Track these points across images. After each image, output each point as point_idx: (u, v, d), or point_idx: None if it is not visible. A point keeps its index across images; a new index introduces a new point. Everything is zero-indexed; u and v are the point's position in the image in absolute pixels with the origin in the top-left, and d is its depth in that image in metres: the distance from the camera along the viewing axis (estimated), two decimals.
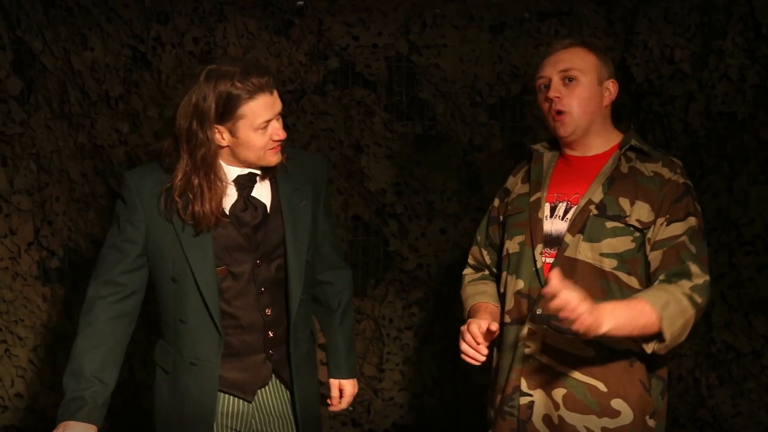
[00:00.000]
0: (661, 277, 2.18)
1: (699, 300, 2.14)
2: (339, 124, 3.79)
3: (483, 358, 2.21)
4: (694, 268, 2.16)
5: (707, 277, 2.18)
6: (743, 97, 3.64)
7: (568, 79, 2.27)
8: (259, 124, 2.12)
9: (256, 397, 2.34)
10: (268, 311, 2.28)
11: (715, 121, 3.69)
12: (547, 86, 2.30)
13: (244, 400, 2.32)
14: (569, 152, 2.36)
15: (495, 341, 2.36)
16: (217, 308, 2.20)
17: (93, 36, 3.63)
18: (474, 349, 2.20)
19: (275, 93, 2.14)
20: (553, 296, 1.96)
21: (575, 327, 1.96)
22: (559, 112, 2.27)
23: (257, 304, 2.27)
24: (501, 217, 2.48)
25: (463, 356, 2.24)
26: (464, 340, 2.22)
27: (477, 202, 3.86)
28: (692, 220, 2.21)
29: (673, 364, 3.78)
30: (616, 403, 2.21)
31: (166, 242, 2.18)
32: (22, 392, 3.85)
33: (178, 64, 3.66)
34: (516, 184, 2.47)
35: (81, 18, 3.63)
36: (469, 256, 2.61)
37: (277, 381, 2.35)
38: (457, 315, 3.85)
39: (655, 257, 2.21)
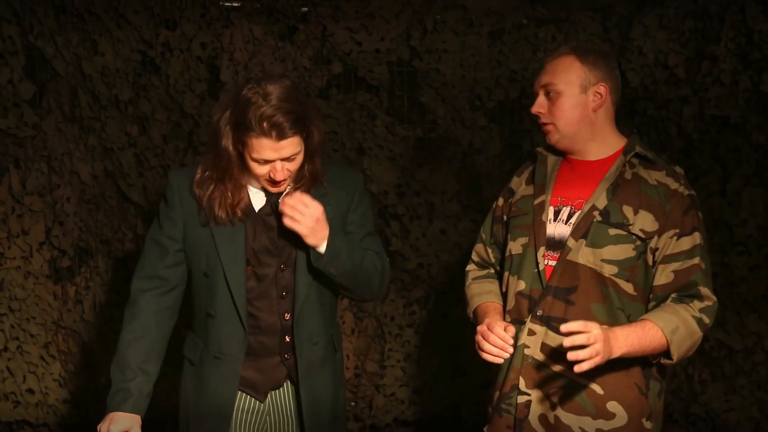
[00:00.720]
0: (673, 296, 2.23)
1: (707, 321, 2.21)
2: (342, 127, 3.85)
3: (507, 356, 2.24)
4: (704, 291, 2.22)
5: (715, 299, 2.24)
6: (736, 101, 3.72)
7: (550, 93, 2.32)
8: (258, 158, 2.15)
9: (270, 399, 2.39)
10: (287, 316, 2.32)
11: (709, 124, 3.76)
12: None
13: (256, 399, 2.37)
14: (571, 155, 2.39)
15: None
16: (244, 305, 2.27)
17: (103, 41, 3.71)
18: (500, 348, 2.22)
19: (286, 141, 2.12)
20: (571, 332, 2.03)
21: (591, 363, 2.02)
22: (544, 124, 2.34)
23: (277, 307, 2.32)
24: (505, 217, 2.50)
25: (484, 354, 2.24)
26: (488, 341, 2.23)
27: (477, 204, 3.93)
28: (698, 237, 2.25)
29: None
30: (612, 406, 2.24)
31: (202, 238, 2.27)
32: (33, 388, 3.93)
33: (185, 68, 3.74)
34: (520, 185, 2.50)
35: (92, 24, 3.71)
36: (473, 253, 2.64)
37: (291, 385, 2.40)
38: (457, 313, 3.94)
39: (665, 274, 2.23)
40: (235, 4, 3.79)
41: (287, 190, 2.29)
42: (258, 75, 2.61)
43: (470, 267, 2.64)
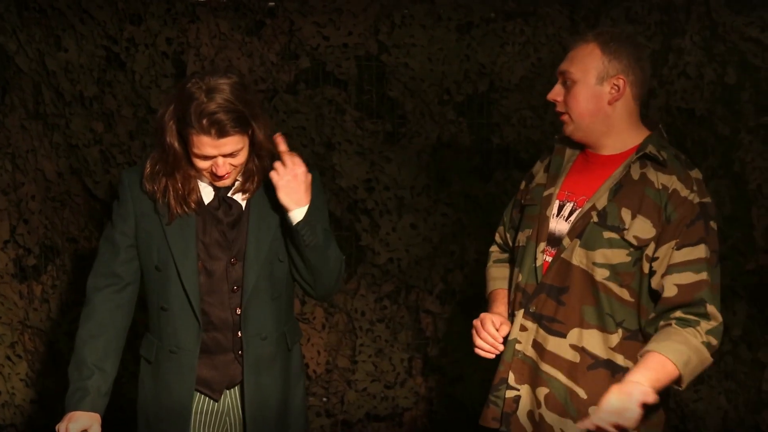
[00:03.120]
0: (678, 313, 2.12)
1: (715, 343, 2.13)
2: (311, 122, 3.84)
3: (498, 351, 2.25)
4: (711, 309, 2.12)
5: (721, 318, 2.14)
6: (701, 94, 3.76)
7: (567, 81, 2.24)
8: (198, 154, 2.16)
9: (228, 398, 2.37)
10: (239, 311, 2.31)
11: (675, 116, 3.80)
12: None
13: (211, 398, 2.35)
14: (589, 149, 2.31)
15: None
16: (197, 297, 2.26)
17: (67, 37, 3.67)
18: (491, 345, 2.23)
19: (227, 139, 2.12)
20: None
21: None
22: (560, 114, 2.27)
23: (228, 302, 2.31)
24: (522, 202, 2.45)
25: (476, 349, 2.27)
26: (480, 336, 2.25)
27: (446, 198, 3.93)
28: (704, 249, 2.13)
29: None
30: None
31: (153, 233, 2.27)
32: (0, 388, 3.88)
33: (151, 64, 3.71)
34: (539, 172, 2.44)
35: (55, 20, 3.66)
36: (497, 234, 2.62)
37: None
38: (427, 307, 3.95)
39: (668, 286, 2.13)
40: None
41: (235, 184, 2.30)
42: (205, 70, 2.58)
43: (493, 248, 2.63)
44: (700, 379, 3.84)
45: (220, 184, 2.25)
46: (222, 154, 2.15)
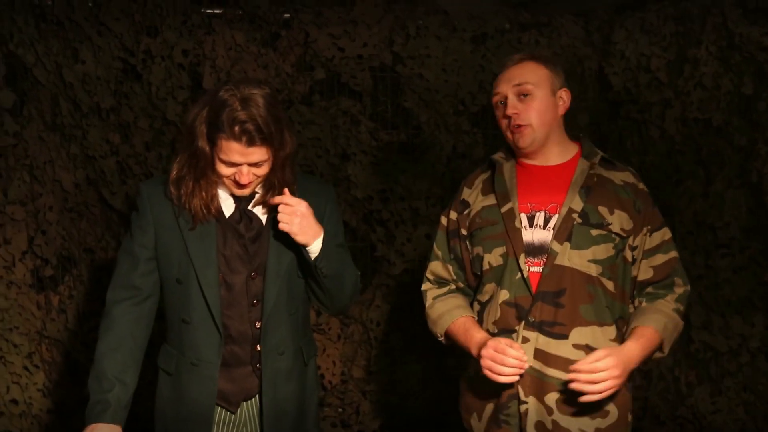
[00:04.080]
0: (648, 290, 2.36)
1: (682, 308, 2.36)
2: (326, 133, 3.85)
3: (525, 369, 2.24)
4: (678, 281, 2.35)
5: (687, 286, 2.39)
6: (717, 104, 3.75)
7: (523, 95, 2.32)
8: (225, 160, 2.16)
9: (245, 410, 2.35)
10: (258, 324, 2.30)
11: (691, 127, 3.79)
12: (504, 103, 2.36)
13: (228, 410, 2.34)
14: (528, 161, 2.40)
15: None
16: (219, 309, 2.26)
17: (84, 49, 3.70)
18: (517, 366, 2.21)
19: (255, 148, 2.13)
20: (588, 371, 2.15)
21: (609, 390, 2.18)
22: (519, 126, 2.32)
23: (248, 316, 2.30)
24: (464, 231, 2.46)
25: (501, 378, 2.22)
26: (504, 363, 2.20)
27: None
28: (667, 231, 2.37)
29: (652, 364, 3.87)
30: (606, 404, 2.27)
31: (173, 245, 2.26)
32: (17, 398, 3.89)
33: (167, 76, 3.73)
34: (477, 197, 2.46)
35: (72, 32, 3.69)
36: (428, 272, 2.57)
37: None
38: None
39: (644, 269, 2.35)
40: (216, 11, 3.78)
41: (255, 197, 2.30)
42: (238, 78, 2.59)
43: (426, 286, 2.58)
44: (718, 390, 3.82)
45: (240, 192, 2.25)
46: (248, 163, 2.16)
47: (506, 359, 2.20)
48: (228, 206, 2.29)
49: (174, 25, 3.72)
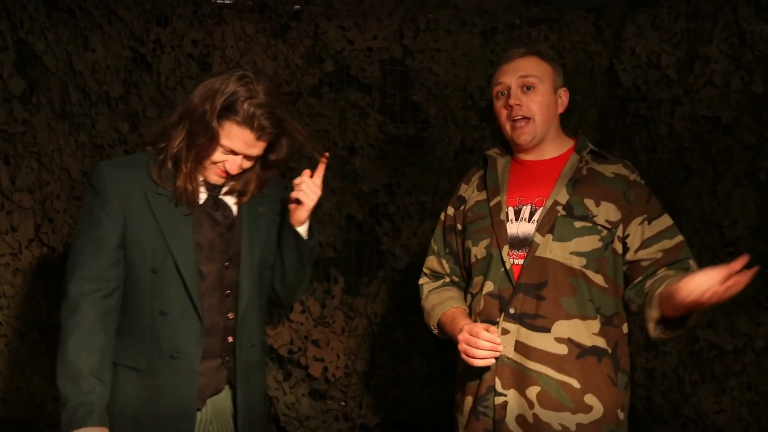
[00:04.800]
0: (661, 272, 2.24)
1: None
2: (334, 125, 3.86)
3: (498, 354, 2.25)
4: (693, 264, 2.27)
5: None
6: (727, 102, 3.73)
7: (527, 87, 2.33)
8: (226, 146, 2.11)
9: (212, 404, 2.25)
10: (231, 315, 2.23)
11: (700, 125, 3.77)
12: (505, 93, 2.36)
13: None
14: (523, 156, 2.42)
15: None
16: (199, 297, 2.16)
17: (94, 38, 3.71)
18: (491, 349, 2.23)
19: (260, 143, 2.12)
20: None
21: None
22: (518, 120, 2.33)
23: (220, 306, 2.22)
24: (459, 226, 2.50)
25: (476, 361, 2.24)
26: (477, 346, 2.23)
27: None
28: (668, 217, 2.33)
29: (656, 362, 3.86)
30: (589, 399, 2.25)
31: (147, 233, 2.13)
32: (21, 386, 3.91)
33: (177, 65, 3.74)
34: (472, 192, 2.50)
35: (82, 20, 3.70)
36: (424, 268, 2.62)
37: (230, 390, 2.29)
38: None
39: (651, 253, 2.27)
40: (227, 2, 3.79)
41: (227, 186, 2.24)
42: (255, 70, 2.60)
43: (423, 280, 2.62)
44: (722, 390, 3.81)
45: (219, 181, 2.19)
46: (245, 154, 2.13)
47: (479, 342, 2.23)
48: (201, 196, 2.21)
49: (184, 14, 3.73)
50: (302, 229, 2.27)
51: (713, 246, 3.76)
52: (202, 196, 2.21)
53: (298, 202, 2.23)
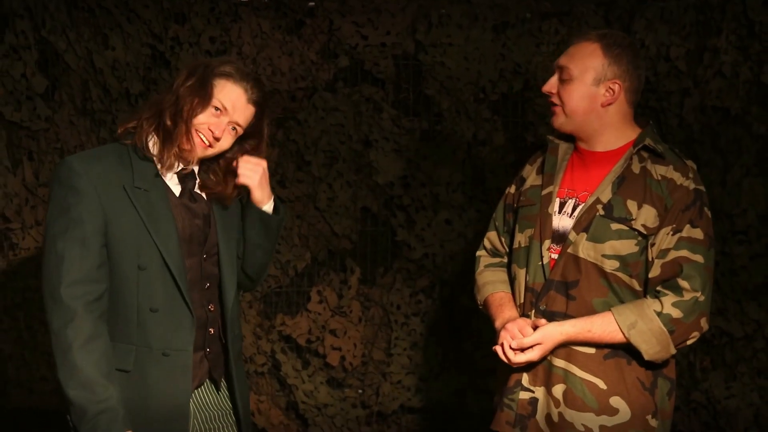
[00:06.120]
0: (656, 288, 2.19)
1: (678, 316, 2.15)
2: (349, 119, 3.91)
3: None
4: (683, 284, 2.16)
5: (696, 294, 2.16)
6: (736, 93, 3.76)
7: (563, 76, 2.27)
8: (219, 102, 2.10)
9: (193, 401, 2.20)
10: (212, 307, 2.20)
11: (709, 116, 3.81)
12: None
13: None
14: (581, 145, 2.33)
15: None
16: (188, 291, 2.11)
17: (114, 36, 3.78)
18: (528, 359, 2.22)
19: (250, 108, 2.14)
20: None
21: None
22: (553, 105, 2.30)
23: (202, 299, 2.18)
24: (515, 205, 2.45)
25: (503, 358, 2.26)
26: (513, 358, 2.23)
27: (481, 195, 3.98)
28: (693, 231, 2.18)
29: None
30: (615, 401, 2.20)
31: (130, 229, 2.06)
32: (47, 376, 4.00)
33: None
34: (531, 174, 2.44)
35: (103, 19, 3.78)
36: (486, 240, 2.57)
37: (208, 381, 2.25)
38: (462, 302, 3.99)
39: (654, 267, 2.20)
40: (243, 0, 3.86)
41: (198, 180, 2.22)
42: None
43: (481, 253, 2.58)
44: (733, 376, 3.86)
45: (204, 152, 2.15)
46: (233, 120, 2.12)
47: (513, 344, 2.22)
48: (174, 185, 2.17)
49: (202, 12, 3.80)
50: (268, 207, 2.27)
51: (723, 234, 3.80)
52: (177, 189, 2.17)
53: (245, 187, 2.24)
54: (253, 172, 2.21)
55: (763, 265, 3.76)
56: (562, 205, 2.30)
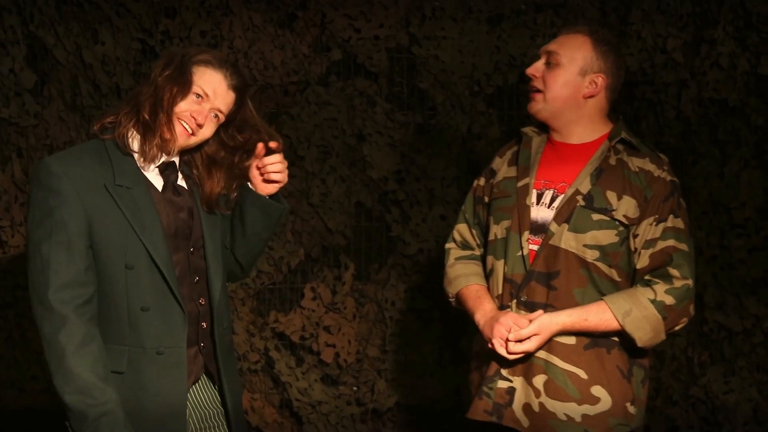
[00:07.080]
0: (646, 278, 2.27)
1: (671, 303, 2.23)
2: (342, 113, 3.88)
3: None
4: (674, 272, 2.24)
5: (687, 281, 2.25)
6: (734, 84, 3.74)
7: (550, 63, 2.33)
8: (199, 86, 2.09)
9: (190, 396, 2.18)
10: (202, 301, 2.19)
11: (707, 107, 3.78)
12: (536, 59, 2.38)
13: None
14: (555, 137, 2.39)
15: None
16: (178, 287, 2.10)
17: (103, 30, 3.74)
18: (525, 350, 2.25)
19: (231, 94, 2.13)
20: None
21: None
22: (533, 90, 2.36)
23: (192, 293, 2.17)
24: (486, 198, 2.49)
25: (504, 354, 2.27)
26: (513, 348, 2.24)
27: None
28: (676, 221, 2.27)
29: (666, 344, 3.87)
30: (596, 390, 2.25)
31: (114, 228, 2.03)
32: (38, 375, 3.96)
33: None
34: (502, 166, 2.48)
35: (92, 13, 3.74)
36: (455, 232, 2.60)
37: (205, 376, 2.24)
38: None
39: (642, 258, 2.26)
40: None
41: (182, 173, 2.21)
42: None
43: (451, 245, 2.60)
44: (731, 371, 3.84)
45: (186, 141, 2.12)
46: (214, 107, 2.11)
47: (511, 336, 2.24)
48: (156, 180, 2.14)
49: (192, 6, 3.76)
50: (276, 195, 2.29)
51: (721, 227, 3.78)
52: (159, 183, 2.14)
53: (272, 181, 2.24)
54: (282, 168, 2.22)
55: (762, 259, 3.74)
56: (539, 197, 2.33)
